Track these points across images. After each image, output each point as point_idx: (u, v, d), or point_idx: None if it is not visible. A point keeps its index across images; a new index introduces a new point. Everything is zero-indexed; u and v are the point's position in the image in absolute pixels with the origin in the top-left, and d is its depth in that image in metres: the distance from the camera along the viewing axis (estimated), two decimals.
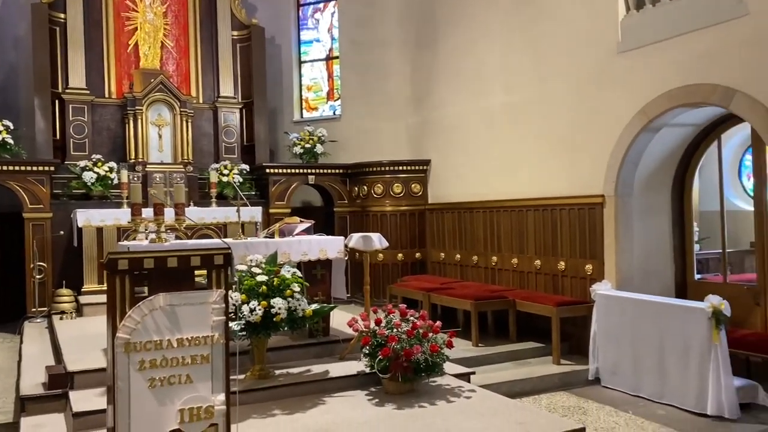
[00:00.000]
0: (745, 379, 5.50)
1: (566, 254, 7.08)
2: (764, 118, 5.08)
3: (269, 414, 4.34)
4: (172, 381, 2.87)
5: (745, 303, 6.06)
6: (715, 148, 6.74)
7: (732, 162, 9.71)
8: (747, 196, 8.13)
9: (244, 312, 4.46)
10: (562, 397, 5.80)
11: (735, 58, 5.29)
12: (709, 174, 7.65)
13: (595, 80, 6.71)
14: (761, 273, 6.03)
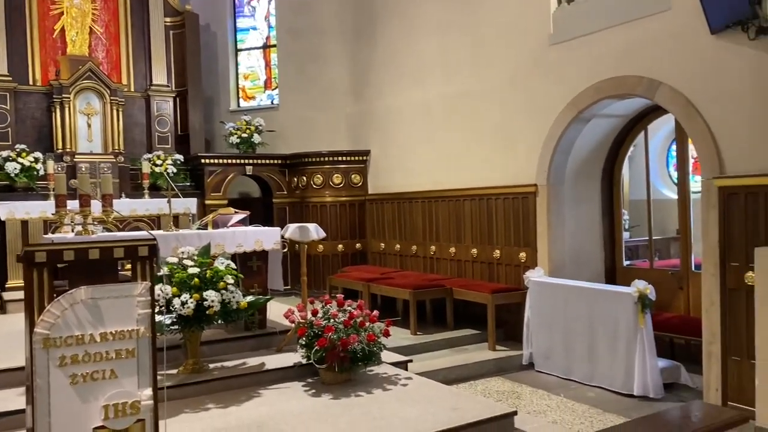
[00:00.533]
0: (669, 360, 5.77)
1: (501, 243, 7.24)
2: (686, 108, 5.31)
3: (203, 408, 4.27)
4: (96, 377, 2.79)
5: (670, 287, 6.35)
6: (643, 139, 7.01)
7: (660, 152, 10.11)
8: (674, 185, 8.48)
9: (176, 305, 4.37)
10: (497, 382, 5.94)
11: (659, 50, 5.49)
12: (639, 164, 7.95)
13: (529, 71, 6.85)
14: (684, 258, 6.33)
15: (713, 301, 5.03)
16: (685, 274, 6.27)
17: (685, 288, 6.25)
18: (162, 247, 4.86)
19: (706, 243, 5.13)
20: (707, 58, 5.11)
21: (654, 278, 6.08)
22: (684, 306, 6.26)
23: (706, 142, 5.15)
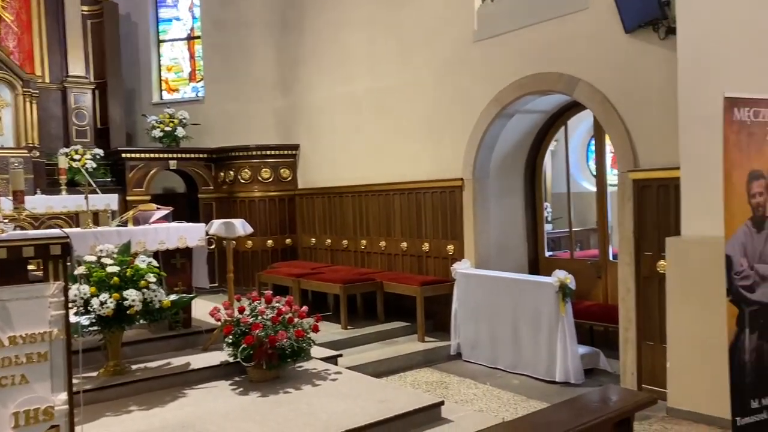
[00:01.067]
0: (588, 346, 6.00)
1: (430, 236, 7.33)
2: (603, 105, 5.53)
3: (124, 411, 4.13)
4: (4, 383, 2.64)
5: (589, 277, 6.60)
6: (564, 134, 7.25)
7: (580, 147, 10.49)
8: (593, 179, 8.82)
9: (94, 306, 4.20)
10: (426, 373, 6.03)
11: (578, 48, 5.69)
12: (561, 158, 8.23)
13: (454, 67, 6.96)
14: (602, 249, 6.60)
15: (629, 289, 5.27)
16: (603, 264, 6.54)
17: (603, 277, 6.52)
18: (79, 246, 4.66)
19: (621, 233, 5.37)
20: (622, 56, 5.34)
21: (574, 268, 6.30)
22: (602, 294, 6.53)
23: (622, 136, 5.38)
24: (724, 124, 3.42)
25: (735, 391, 3.39)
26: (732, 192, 3.42)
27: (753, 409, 3.43)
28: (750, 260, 3.44)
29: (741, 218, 3.44)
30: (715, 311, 3.82)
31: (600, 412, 2.75)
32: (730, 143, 3.43)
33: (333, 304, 7.80)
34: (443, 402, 4.18)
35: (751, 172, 3.46)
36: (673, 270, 4.59)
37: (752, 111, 3.48)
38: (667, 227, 4.98)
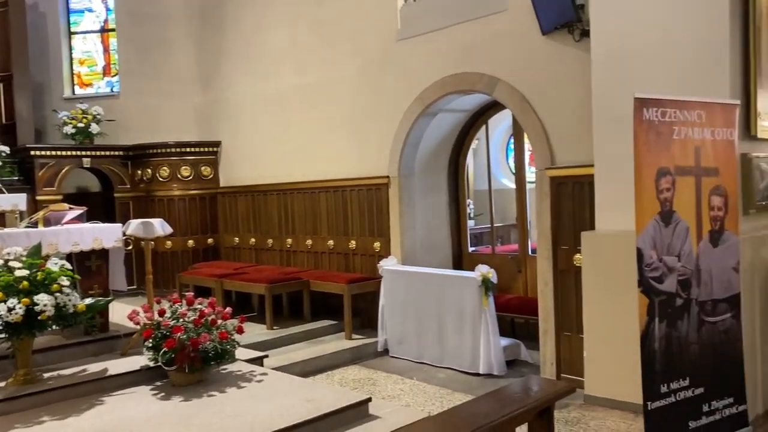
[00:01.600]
0: (510, 338, 6.18)
1: (357, 233, 7.34)
2: (521, 104, 5.69)
3: (36, 421, 3.90)
4: None
5: (510, 271, 6.80)
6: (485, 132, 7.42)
7: (501, 145, 10.78)
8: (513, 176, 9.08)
9: (1, 312, 3.94)
10: (354, 370, 6.03)
11: (497, 49, 5.83)
12: (482, 156, 8.42)
13: (378, 66, 6.99)
14: (522, 243, 6.80)
15: (547, 282, 5.46)
16: (523, 258, 6.75)
17: (523, 271, 6.72)
18: None
19: (540, 229, 5.55)
20: (539, 57, 5.51)
21: (496, 263, 6.49)
22: (523, 287, 6.73)
23: (539, 135, 5.55)
24: (635, 124, 3.59)
25: (646, 377, 3.57)
26: (642, 188, 3.60)
27: (662, 394, 3.62)
28: (659, 253, 3.63)
29: (650, 213, 3.62)
30: (627, 302, 4.01)
31: (522, 403, 2.83)
32: (640, 142, 3.60)
33: (258, 305, 7.67)
34: (370, 399, 4.19)
35: (659, 169, 3.64)
36: (588, 263, 4.78)
37: (660, 111, 3.66)
38: (582, 222, 5.18)
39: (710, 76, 4.19)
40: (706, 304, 3.80)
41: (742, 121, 4.19)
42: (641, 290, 3.58)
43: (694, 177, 3.78)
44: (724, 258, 3.88)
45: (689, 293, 3.73)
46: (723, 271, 3.88)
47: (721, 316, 3.87)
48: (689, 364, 3.73)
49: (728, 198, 3.90)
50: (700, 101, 3.81)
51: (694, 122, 3.78)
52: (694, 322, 3.75)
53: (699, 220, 3.79)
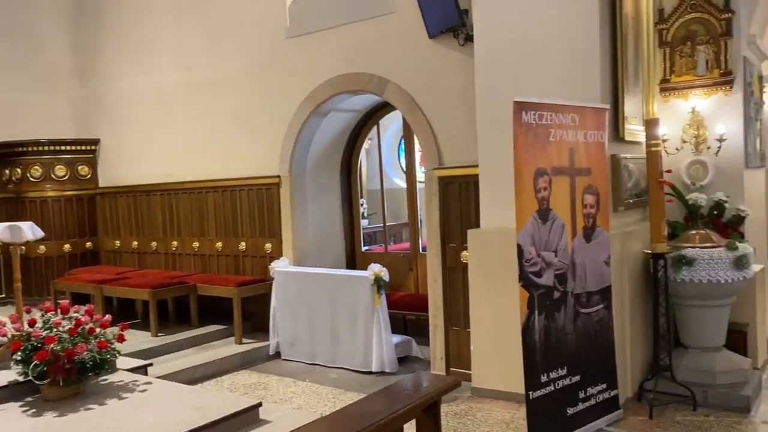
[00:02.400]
0: (402, 335, 6.29)
1: (247, 234, 7.19)
2: (410, 106, 5.80)
3: None
4: None
5: (402, 269, 6.92)
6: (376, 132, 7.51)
7: (392, 145, 10.96)
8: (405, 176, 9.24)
9: None
10: (245, 375, 5.91)
11: (386, 50, 5.91)
12: (375, 156, 8.50)
13: (267, 63, 6.88)
14: (413, 242, 6.95)
15: (436, 279, 5.61)
16: (414, 256, 6.89)
17: (414, 268, 6.87)
18: None
19: (429, 227, 5.69)
20: (427, 60, 5.64)
21: (388, 261, 6.59)
22: (414, 285, 6.88)
23: (428, 136, 5.69)
24: (514, 126, 3.77)
25: (527, 368, 3.76)
26: (521, 187, 3.78)
27: (543, 383, 3.83)
28: (537, 248, 3.83)
29: (529, 211, 3.82)
30: (510, 296, 4.20)
31: (410, 399, 2.89)
32: (519, 143, 3.78)
33: (142, 311, 7.34)
34: (261, 403, 4.12)
35: (537, 170, 3.85)
36: (474, 260, 4.96)
37: (537, 114, 3.87)
38: (468, 220, 5.37)
39: (583, 82, 4.47)
40: (581, 297, 4.06)
41: (611, 124, 4.51)
42: (522, 284, 3.76)
43: (568, 177, 4.02)
44: (596, 253, 4.16)
45: (565, 286, 3.97)
46: (596, 265, 4.15)
47: (595, 307, 4.15)
48: (566, 353, 3.97)
49: (599, 196, 4.18)
50: (573, 105, 4.06)
51: (568, 125, 4.03)
52: (570, 313, 4.00)
53: (573, 218, 4.04)
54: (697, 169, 5.24)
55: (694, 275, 4.51)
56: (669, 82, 5.27)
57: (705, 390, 4.49)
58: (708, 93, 5.17)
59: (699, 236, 4.69)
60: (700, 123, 5.21)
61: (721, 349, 4.75)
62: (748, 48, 5.39)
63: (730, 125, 5.12)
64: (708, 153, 5.19)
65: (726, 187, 5.12)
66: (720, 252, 4.51)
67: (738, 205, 5.09)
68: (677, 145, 5.28)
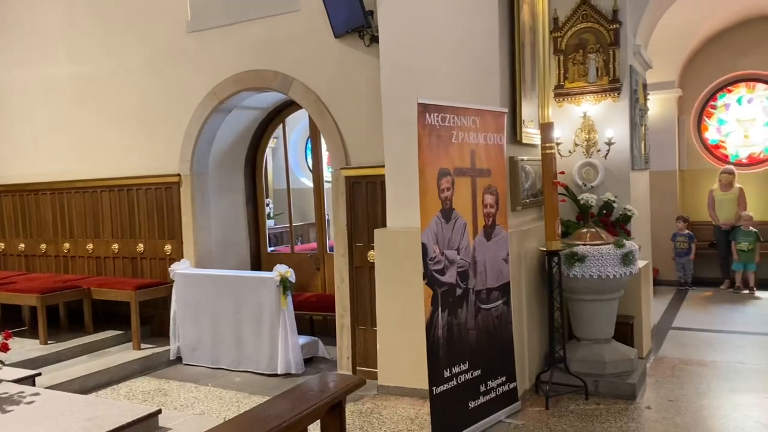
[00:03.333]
0: (308, 336, 6.27)
1: (145, 236, 6.92)
2: (317, 105, 5.78)
3: None
4: None
5: (309, 269, 6.88)
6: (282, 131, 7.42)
7: (299, 144, 10.89)
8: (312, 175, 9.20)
9: None
10: (143, 382, 5.68)
11: (292, 48, 5.86)
12: (281, 154, 8.42)
13: (167, 57, 6.65)
14: (320, 242, 6.93)
15: (343, 279, 5.63)
16: (321, 256, 6.87)
17: (321, 269, 6.85)
18: None
19: (336, 227, 5.70)
20: (333, 59, 5.64)
21: (295, 262, 6.54)
22: (321, 285, 6.86)
23: (334, 136, 5.69)
24: (418, 128, 3.84)
25: (431, 364, 3.84)
26: (425, 188, 3.86)
27: (446, 378, 3.93)
28: (441, 247, 3.93)
29: (433, 211, 3.90)
30: (415, 294, 4.27)
31: (314, 400, 2.88)
32: (423, 144, 3.86)
33: (30, 318, 6.88)
34: (160, 410, 3.97)
35: (440, 170, 3.94)
36: (380, 259, 5.01)
37: (440, 116, 3.96)
38: (375, 220, 5.42)
39: (483, 86, 4.62)
40: (482, 293, 4.20)
41: (510, 127, 4.69)
42: (426, 282, 3.84)
43: (470, 177, 4.14)
44: (496, 250, 4.31)
45: (467, 283, 4.09)
46: (495, 263, 4.31)
47: (495, 303, 4.30)
48: (468, 348, 4.09)
49: (499, 196, 4.34)
50: (474, 108, 4.19)
51: (470, 127, 4.15)
52: (471, 309, 4.12)
53: (475, 217, 4.17)
54: (588, 171, 5.56)
55: (586, 271, 4.77)
56: (563, 88, 5.56)
57: (596, 380, 4.77)
58: (598, 99, 5.49)
59: (590, 234, 4.96)
60: (591, 127, 5.54)
61: (611, 341, 5.04)
62: (634, 57, 5.78)
63: (618, 130, 5.47)
64: (598, 156, 5.51)
65: (614, 188, 5.47)
66: (609, 249, 4.80)
67: (625, 205, 5.44)
68: (570, 147, 5.58)
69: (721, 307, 7.89)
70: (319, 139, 6.78)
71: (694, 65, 9.61)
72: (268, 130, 7.25)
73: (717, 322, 7.07)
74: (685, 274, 9.08)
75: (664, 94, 9.32)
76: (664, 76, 9.00)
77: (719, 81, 9.60)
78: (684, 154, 9.77)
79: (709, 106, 9.78)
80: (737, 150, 9.64)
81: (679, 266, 9.12)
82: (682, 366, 5.42)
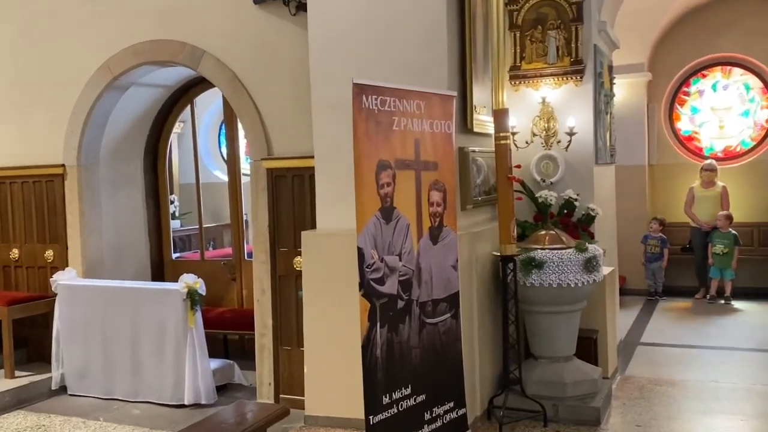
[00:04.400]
0: (222, 359, 6.22)
1: (20, 240, 6.80)
2: (232, 83, 5.74)
3: None
4: None
5: (223, 279, 6.84)
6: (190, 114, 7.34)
7: (212, 129, 10.78)
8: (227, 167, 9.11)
9: None
10: (19, 417, 5.56)
11: (202, 16, 5.81)
12: (189, 142, 8.30)
13: (49, 23, 6.52)
14: (237, 247, 6.89)
15: (264, 290, 5.61)
16: (237, 264, 6.83)
17: (238, 278, 6.81)
18: None
19: (256, 228, 5.68)
20: (252, 30, 5.62)
21: (206, 271, 6.48)
22: (237, 298, 6.82)
23: (254, 120, 5.67)
24: (354, 112, 3.86)
25: (368, 389, 3.87)
26: (362, 182, 3.89)
27: (385, 405, 3.96)
28: (380, 252, 3.97)
29: (371, 209, 3.94)
30: (349, 308, 4.30)
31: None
32: (359, 132, 3.89)
33: None
34: None
35: (379, 162, 3.98)
36: (309, 266, 5.01)
37: (379, 99, 4.00)
38: (303, 220, 5.43)
39: (429, 65, 4.69)
40: (427, 305, 4.27)
41: (459, 113, 4.79)
42: (362, 293, 3.87)
43: (414, 171, 4.20)
44: (443, 255, 4.39)
45: (410, 294, 4.15)
46: (442, 270, 4.38)
47: (442, 316, 4.38)
48: (411, 370, 4.15)
49: (447, 193, 4.42)
50: (418, 91, 4.25)
51: (413, 113, 4.21)
52: (415, 324, 4.19)
53: (419, 217, 4.23)
54: (547, 164, 5.73)
55: (544, 279, 4.93)
56: (519, 69, 5.71)
57: (555, 403, 4.92)
58: (559, 82, 5.67)
59: (549, 237, 5.12)
60: (551, 115, 5.71)
61: (572, 359, 5.22)
62: (599, 36, 5.99)
63: (581, 118, 5.66)
64: (558, 147, 5.69)
65: (576, 185, 5.66)
66: (570, 254, 4.96)
67: (588, 204, 5.64)
68: (527, 138, 5.74)
69: (695, 320, 8.29)
70: (236, 123, 6.75)
71: (665, 46, 10.03)
72: (174, 112, 7.17)
73: (690, 336, 7.41)
74: (655, 282, 9.45)
75: (632, 78, 9.66)
76: (632, 57, 9.33)
77: (693, 64, 10.04)
78: (654, 147, 10.16)
79: (682, 93, 10.23)
80: (712, 142, 10.12)
81: (649, 273, 9.48)
82: (651, 386, 5.66)
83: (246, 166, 7.17)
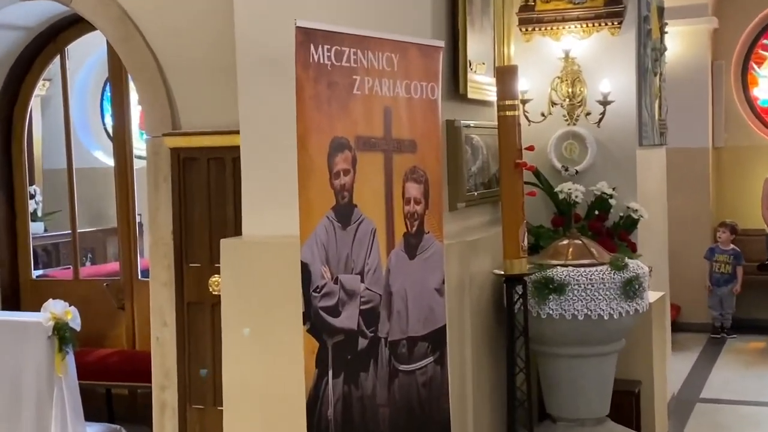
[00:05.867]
0: (105, 424, 6.18)
1: None
2: (120, 23, 5.71)
3: None
4: None
5: (107, 307, 6.79)
6: (60, 69, 7.29)
7: (92, 92, 10.69)
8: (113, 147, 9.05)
9: None
10: None
11: None
12: (58, 110, 8.22)
13: None
14: (127, 261, 6.83)
15: (167, 323, 5.60)
16: (128, 286, 6.78)
17: (128, 307, 6.76)
18: None
19: (155, 235, 5.66)
20: None
21: (81, 295, 6.42)
22: (128, 335, 6.77)
23: (153, 80, 5.66)
24: (297, 68, 3.85)
25: None
26: (309, 169, 3.87)
27: None
28: (333, 269, 3.97)
29: (321, 208, 3.93)
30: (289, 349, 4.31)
31: None
32: (305, 96, 3.87)
33: None
34: None
35: (333, 140, 3.97)
36: (230, 289, 4.99)
37: (334, 50, 3.99)
38: (222, 224, 5.43)
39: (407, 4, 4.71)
40: (400, 345, 4.27)
41: (449, 72, 4.81)
42: (308, 329, 3.87)
43: (382, 153, 4.21)
44: (423, 274, 4.41)
45: (377, 330, 4.15)
46: (423, 294, 4.40)
47: (421, 361, 4.39)
48: None
49: (429, 186, 4.43)
50: (390, 39, 4.26)
51: (383, 71, 4.21)
52: (383, 373, 4.20)
53: (390, 219, 4.24)
54: (571, 145, 5.78)
55: (566, 308, 4.95)
56: (532, 10, 5.75)
57: None
58: (588, 30, 5.71)
59: (573, 249, 5.16)
60: (577, 76, 5.75)
61: (605, 421, 5.27)
62: None
63: (618, 81, 5.71)
64: (587, 122, 5.73)
65: (611, 175, 5.70)
66: (602, 273, 5.00)
67: (628, 203, 5.69)
68: (543, 108, 5.77)
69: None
70: (126, 84, 6.71)
71: None
72: (36, 65, 7.12)
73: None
74: (723, 314, 9.46)
75: (691, 26, 9.66)
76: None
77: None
78: (720, 123, 10.19)
79: (760, 47, 10.28)
80: None
81: (715, 301, 9.50)
82: None
83: (141, 145, 7.13)
